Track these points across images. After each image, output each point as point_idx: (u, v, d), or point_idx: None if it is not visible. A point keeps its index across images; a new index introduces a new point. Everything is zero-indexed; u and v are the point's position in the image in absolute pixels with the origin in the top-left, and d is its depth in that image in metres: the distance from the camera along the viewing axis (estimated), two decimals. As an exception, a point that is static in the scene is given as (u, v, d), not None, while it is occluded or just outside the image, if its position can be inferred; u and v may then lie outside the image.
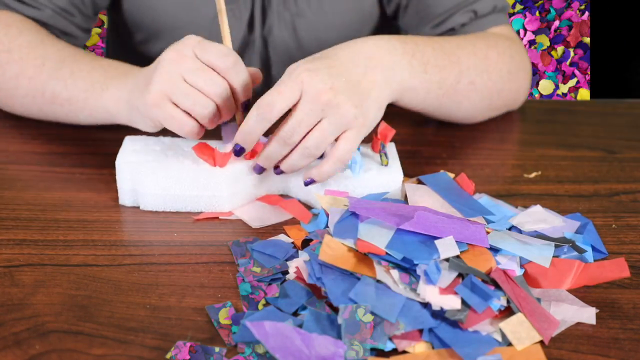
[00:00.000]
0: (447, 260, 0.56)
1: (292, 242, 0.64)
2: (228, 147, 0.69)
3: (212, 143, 0.71)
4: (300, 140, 0.65)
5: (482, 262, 0.57)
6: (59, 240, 0.64)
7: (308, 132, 0.64)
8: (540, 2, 2.10)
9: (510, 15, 2.06)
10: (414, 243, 0.58)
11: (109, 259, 0.62)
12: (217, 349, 0.51)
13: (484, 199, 0.70)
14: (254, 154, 0.69)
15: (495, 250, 0.59)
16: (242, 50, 0.95)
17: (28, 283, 0.58)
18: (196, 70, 0.65)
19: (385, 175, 0.69)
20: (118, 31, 1.01)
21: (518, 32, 2.07)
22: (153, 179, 0.67)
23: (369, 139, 0.73)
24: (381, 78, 0.69)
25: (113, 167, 0.68)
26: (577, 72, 2.11)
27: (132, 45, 0.98)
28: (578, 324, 0.55)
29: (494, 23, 0.88)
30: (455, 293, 0.54)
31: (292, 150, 0.66)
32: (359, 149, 0.70)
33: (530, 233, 0.65)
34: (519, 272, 0.58)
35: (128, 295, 0.57)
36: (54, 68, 0.77)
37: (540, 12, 2.11)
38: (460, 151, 0.83)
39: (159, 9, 0.92)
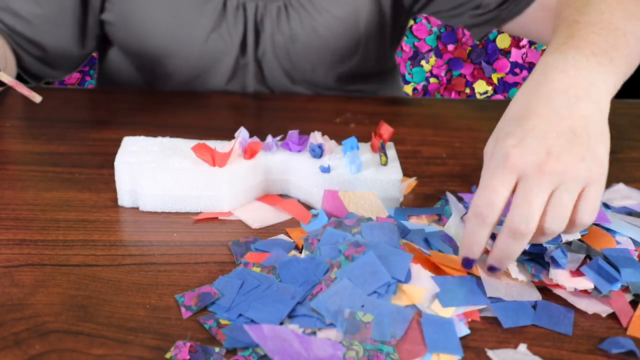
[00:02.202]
0: (569, 244, 0.58)
1: (294, 242, 0.64)
2: (227, 147, 0.69)
3: (211, 143, 0.71)
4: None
5: (604, 244, 0.59)
6: (58, 240, 0.64)
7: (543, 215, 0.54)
8: (540, 2, 2.09)
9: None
10: None
11: (108, 259, 0.62)
12: (217, 349, 0.51)
13: None
14: (253, 153, 0.69)
15: (612, 232, 0.62)
16: (236, 72, 0.95)
17: (28, 283, 0.58)
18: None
19: (384, 175, 0.69)
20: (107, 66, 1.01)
21: (518, 32, 2.06)
22: (152, 180, 0.67)
23: (368, 138, 0.73)
24: (590, 105, 0.57)
25: (113, 167, 0.68)
26: (577, 72, 2.11)
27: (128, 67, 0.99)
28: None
29: None
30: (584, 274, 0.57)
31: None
32: (357, 148, 0.70)
33: (620, 209, 0.68)
34: (635, 252, 0.60)
35: (128, 295, 0.57)
36: None
37: (540, 12, 2.10)
38: (460, 151, 0.83)
39: (148, 37, 0.92)
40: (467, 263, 0.57)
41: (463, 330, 0.54)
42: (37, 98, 0.69)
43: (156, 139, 0.72)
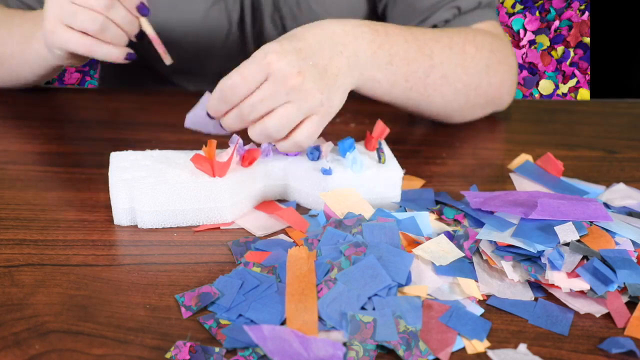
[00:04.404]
0: (567, 244, 0.59)
1: (294, 242, 0.64)
2: (225, 156, 0.68)
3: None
4: (259, 119, 0.64)
5: (602, 244, 0.59)
6: (59, 240, 0.64)
7: (268, 113, 0.64)
8: (540, 2, 2.10)
9: (510, 15, 2.06)
10: (535, 230, 0.60)
11: (109, 259, 0.62)
12: (217, 349, 0.51)
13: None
14: (252, 160, 0.68)
15: (611, 233, 0.62)
16: (234, 50, 0.95)
17: (28, 283, 0.58)
18: None
19: (386, 173, 0.69)
20: None
21: (518, 32, 2.07)
22: (153, 196, 0.64)
23: (363, 137, 0.73)
24: (346, 64, 0.68)
25: (113, 167, 0.68)
26: (577, 72, 2.11)
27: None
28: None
29: (479, 19, 0.87)
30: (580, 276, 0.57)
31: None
32: (354, 148, 0.70)
33: (620, 209, 0.68)
34: (634, 253, 0.60)
35: (128, 295, 0.57)
36: None
37: (540, 12, 2.11)
38: (460, 151, 0.83)
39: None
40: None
41: (478, 310, 0.56)
42: (168, 60, 0.70)
43: (145, 153, 0.70)
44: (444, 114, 0.84)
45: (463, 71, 0.80)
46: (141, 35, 0.72)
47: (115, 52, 0.68)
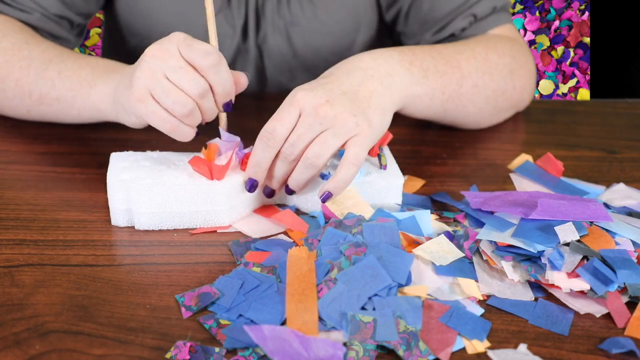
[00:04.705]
0: (567, 245, 0.59)
1: (294, 242, 0.64)
2: (224, 160, 0.68)
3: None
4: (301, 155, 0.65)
5: (602, 244, 0.59)
6: (59, 240, 0.64)
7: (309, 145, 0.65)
8: (540, 2, 2.10)
9: (510, 15, 2.06)
10: (535, 230, 0.60)
11: (109, 259, 0.62)
12: (217, 349, 0.51)
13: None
14: None
15: (612, 233, 0.62)
16: (236, 57, 0.95)
17: (28, 283, 0.58)
18: (178, 68, 0.64)
19: (386, 179, 0.69)
20: (113, 34, 1.01)
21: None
22: (150, 197, 0.64)
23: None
24: (379, 86, 0.69)
25: (113, 167, 0.68)
26: (577, 72, 2.11)
27: (126, 49, 0.98)
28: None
29: (495, 24, 0.88)
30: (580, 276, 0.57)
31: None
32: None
33: (620, 209, 0.68)
34: (634, 253, 0.60)
35: (128, 295, 0.57)
36: (40, 69, 0.77)
37: (540, 12, 2.11)
38: (460, 151, 0.83)
39: (152, 17, 0.92)
40: (251, 186, 0.66)
41: (478, 310, 0.56)
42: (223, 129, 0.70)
43: (145, 154, 0.70)
44: (475, 122, 0.86)
45: (490, 78, 0.81)
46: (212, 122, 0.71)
47: (191, 134, 0.67)
